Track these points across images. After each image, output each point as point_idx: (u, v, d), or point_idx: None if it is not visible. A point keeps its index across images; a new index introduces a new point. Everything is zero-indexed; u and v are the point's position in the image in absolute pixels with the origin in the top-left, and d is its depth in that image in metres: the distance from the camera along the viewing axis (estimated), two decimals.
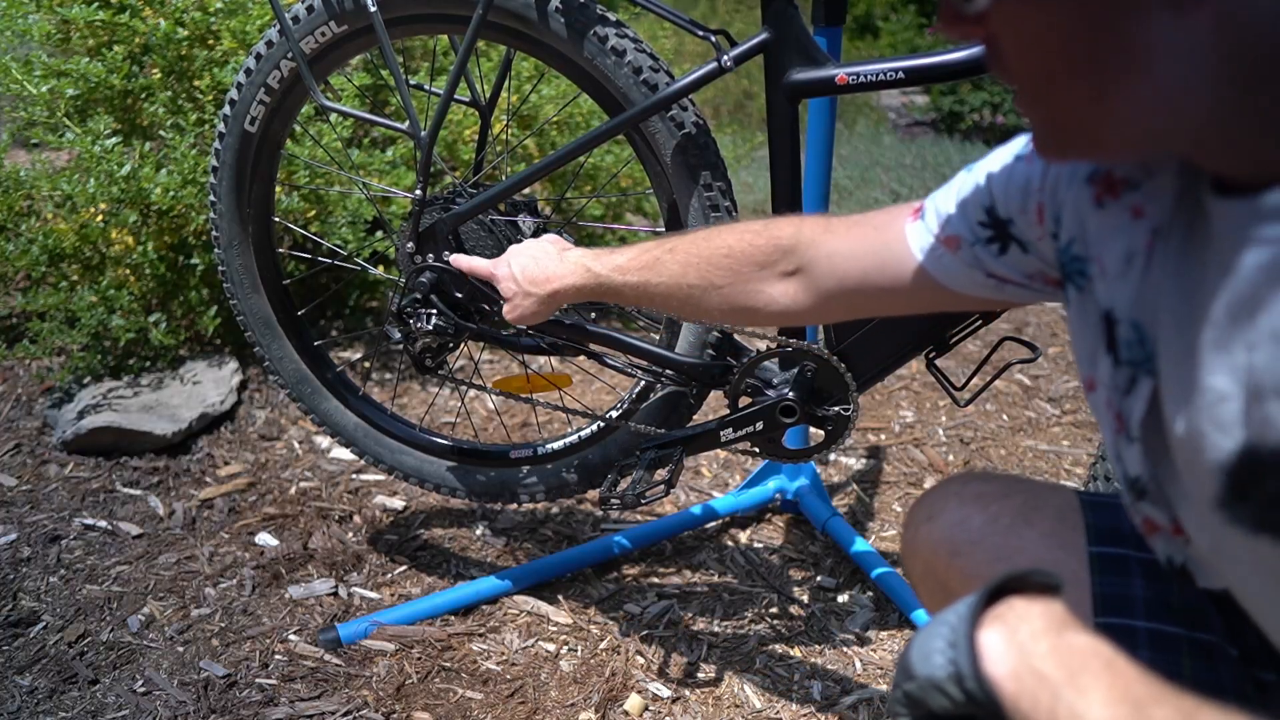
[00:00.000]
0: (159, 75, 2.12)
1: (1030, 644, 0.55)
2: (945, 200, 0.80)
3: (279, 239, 1.98)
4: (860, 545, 1.66)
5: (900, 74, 1.13)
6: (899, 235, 0.83)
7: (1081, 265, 0.69)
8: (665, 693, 1.41)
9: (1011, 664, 0.55)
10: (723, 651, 1.51)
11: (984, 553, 0.80)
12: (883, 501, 1.92)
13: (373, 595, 1.61)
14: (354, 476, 1.94)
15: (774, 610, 1.60)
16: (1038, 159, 0.72)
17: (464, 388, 2.14)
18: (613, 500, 1.28)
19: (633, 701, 1.39)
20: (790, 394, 1.27)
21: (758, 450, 1.36)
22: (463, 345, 1.50)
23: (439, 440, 1.59)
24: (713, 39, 1.20)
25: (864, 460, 2.06)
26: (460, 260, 1.27)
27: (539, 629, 1.54)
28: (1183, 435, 0.59)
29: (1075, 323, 0.70)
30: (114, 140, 2.01)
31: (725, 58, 1.19)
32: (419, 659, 1.46)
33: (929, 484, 1.98)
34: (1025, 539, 0.80)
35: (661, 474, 1.30)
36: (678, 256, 1.00)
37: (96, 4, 2.04)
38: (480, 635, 1.52)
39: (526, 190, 1.58)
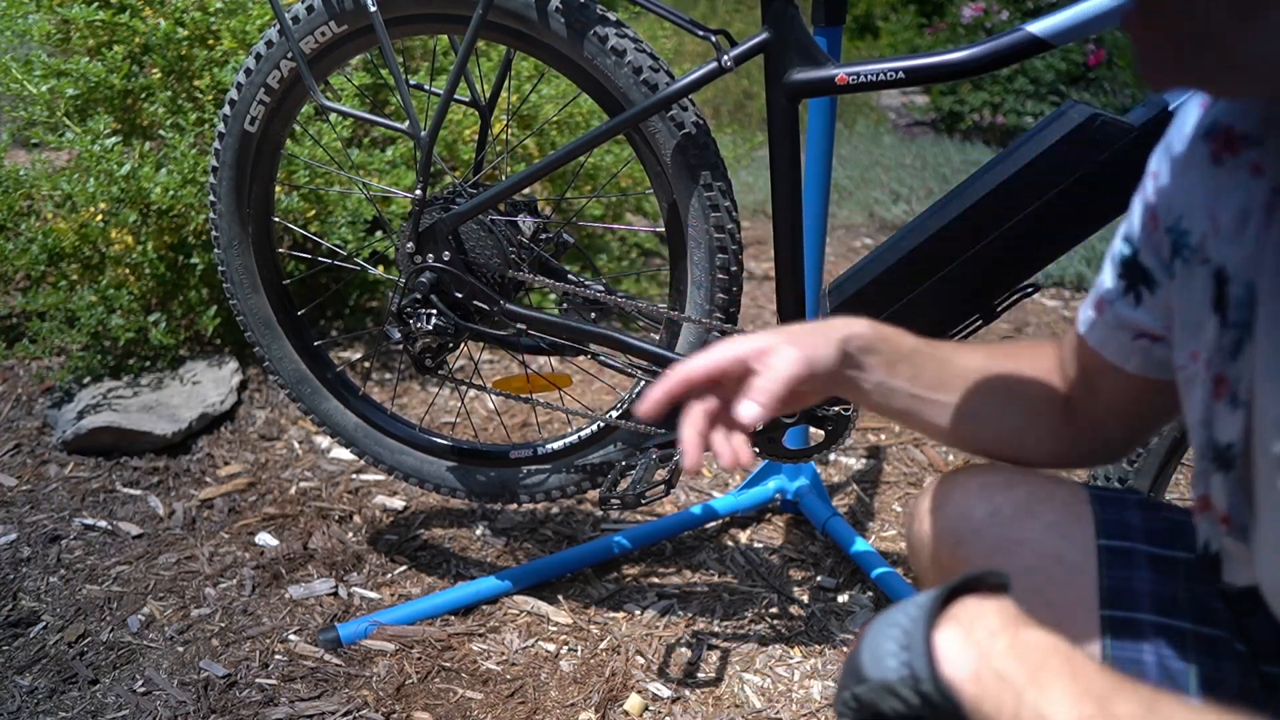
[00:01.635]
0: (159, 75, 2.12)
1: (988, 643, 0.54)
2: (1103, 273, 0.79)
3: (279, 239, 1.98)
4: (860, 545, 1.66)
5: (900, 74, 1.13)
6: (1074, 329, 0.81)
7: (1185, 238, 0.67)
8: (665, 693, 1.41)
9: (972, 666, 0.54)
10: (723, 651, 1.51)
11: (986, 543, 0.81)
12: (883, 501, 1.92)
13: (373, 595, 1.61)
14: (354, 476, 1.94)
15: (774, 610, 1.60)
16: (1146, 181, 0.71)
17: (464, 388, 2.14)
18: (613, 500, 1.28)
19: (633, 701, 1.39)
20: None
21: (758, 450, 1.36)
22: (462, 345, 1.50)
23: (439, 440, 1.59)
24: (713, 39, 1.20)
25: (864, 460, 2.06)
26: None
27: (539, 629, 1.54)
28: (1272, 394, 0.58)
29: (1180, 297, 0.69)
30: (114, 140, 2.01)
31: (725, 58, 1.19)
32: (419, 659, 1.46)
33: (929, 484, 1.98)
34: (1028, 529, 0.80)
35: (661, 474, 1.30)
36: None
37: (96, 4, 2.04)
38: (480, 635, 1.52)
39: (526, 190, 1.58)
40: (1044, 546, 0.79)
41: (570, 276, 1.44)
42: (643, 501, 1.26)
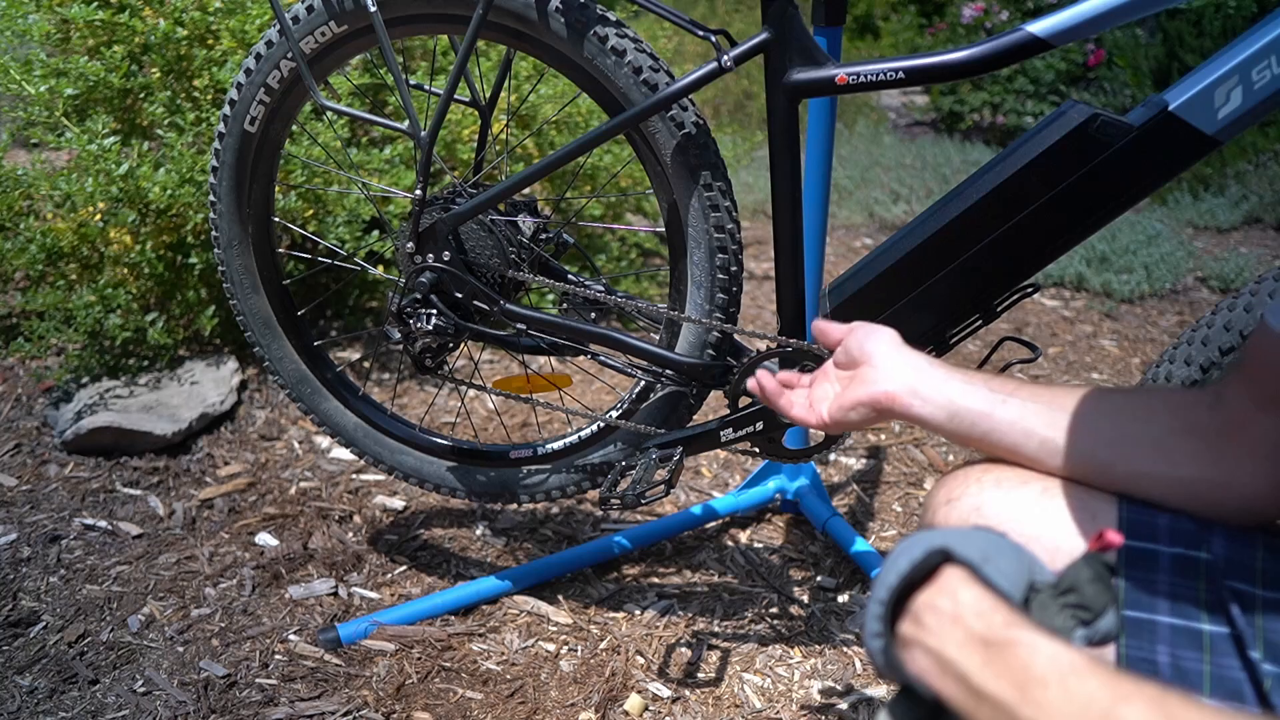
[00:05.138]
0: (158, 75, 2.12)
1: (964, 661, 0.54)
2: None
3: (278, 239, 1.98)
4: (860, 545, 1.66)
5: (900, 74, 1.13)
6: (1263, 327, 0.74)
7: None
8: (665, 693, 1.41)
9: (951, 690, 0.55)
10: (723, 651, 1.51)
11: None
12: (883, 501, 1.92)
13: (373, 595, 1.61)
14: (354, 476, 1.94)
15: (774, 610, 1.60)
16: None
17: (464, 388, 2.14)
18: (613, 500, 1.28)
19: (633, 701, 1.39)
20: None
21: (758, 450, 1.36)
22: (462, 345, 1.50)
23: (439, 440, 1.59)
24: (713, 39, 1.20)
25: (864, 460, 2.06)
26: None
27: (539, 629, 1.54)
28: None
29: None
30: (112, 140, 2.01)
31: (725, 58, 1.19)
32: (419, 659, 1.46)
33: (929, 484, 1.98)
34: (1043, 525, 0.80)
35: (661, 474, 1.30)
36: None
37: (96, 4, 2.04)
38: (480, 635, 1.52)
39: (526, 190, 1.58)
40: (1058, 543, 0.78)
41: (570, 276, 1.44)
42: (643, 501, 1.26)
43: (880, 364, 0.90)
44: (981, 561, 0.59)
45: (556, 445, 1.52)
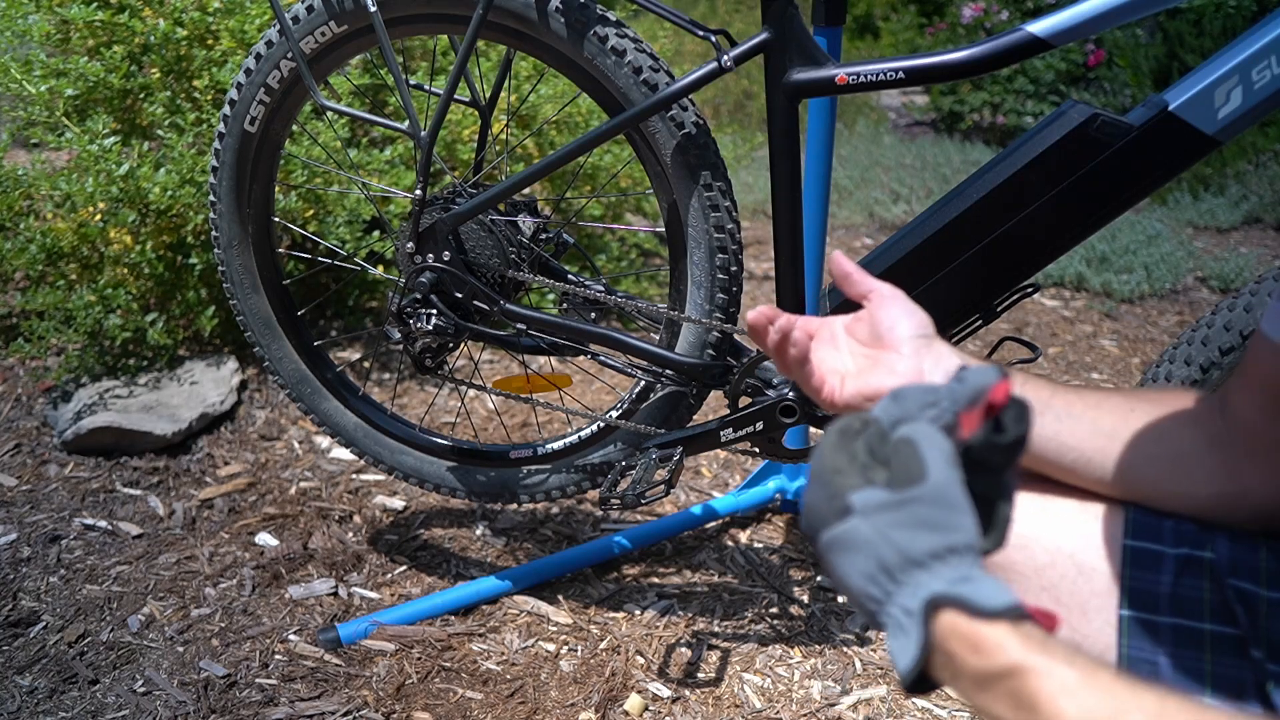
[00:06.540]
0: (158, 75, 2.12)
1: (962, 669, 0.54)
2: None
3: (278, 239, 1.98)
4: None
5: (900, 74, 1.13)
6: (1259, 336, 0.74)
7: None
8: (665, 693, 1.41)
9: (955, 687, 0.55)
10: (723, 651, 1.51)
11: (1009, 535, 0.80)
12: None
13: (373, 595, 1.61)
14: (354, 476, 1.94)
15: (774, 610, 1.60)
16: None
17: (464, 388, 2.14)
18: (613, 500, 1.28)
19: (633, 701, 1.39)
20: (790, 394, 1.27)
21: (758, 450, 1.36)
22: (462, 345, 1.50)
23: (439, 440, 1.59)
24: (713, 39, 1.20)
25: None
26: None
27: (539, 629, 1.54)
28: None
29: None
30: (112, 140, 2.01)
31: (725, 58, 1.19)
32: (419, 659, 1.46)
33: None
34: (1042, 526, 0.79)
35: (661, 474, 1.30)
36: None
37: (96, 4, 2.04)
38: (480, 635, 1.52)
39: (526, 190, 1.58)
40: (1058, 544, 0.78)
41: (570, 276, 1.44)
42: (643, 501, 1.26)
43: (911, 356, 0.81)
44: (965, 548, 0.58)
45: (556, 445, 1.52)
